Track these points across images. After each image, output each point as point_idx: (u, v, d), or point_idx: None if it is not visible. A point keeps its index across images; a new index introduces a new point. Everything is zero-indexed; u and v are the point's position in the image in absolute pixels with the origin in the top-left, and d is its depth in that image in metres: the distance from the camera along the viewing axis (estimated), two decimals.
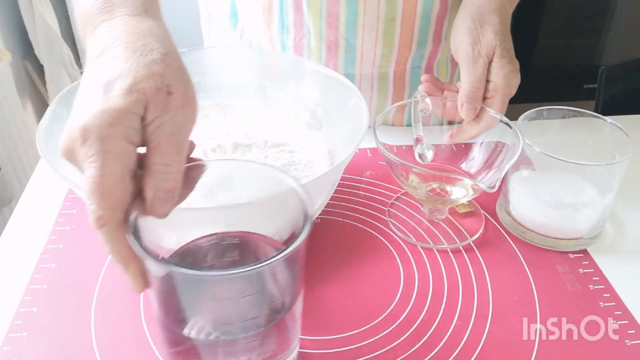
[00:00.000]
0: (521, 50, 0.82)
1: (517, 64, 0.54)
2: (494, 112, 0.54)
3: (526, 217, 0.55)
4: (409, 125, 0.75)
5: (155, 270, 0.32)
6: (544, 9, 1.79)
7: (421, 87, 0.58)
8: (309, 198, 0.35)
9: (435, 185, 0.53)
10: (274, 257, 0.30)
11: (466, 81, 0.54)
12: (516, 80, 0.54)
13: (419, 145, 0.57)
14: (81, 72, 1.69)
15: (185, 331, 0.35)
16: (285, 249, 0.31)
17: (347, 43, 0.66)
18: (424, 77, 0.58)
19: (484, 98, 0.54)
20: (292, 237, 0.33)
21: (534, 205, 0.53)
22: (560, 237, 0.54)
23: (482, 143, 0.56)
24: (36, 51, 1.54)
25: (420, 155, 0.57)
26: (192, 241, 0.39)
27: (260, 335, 0.35)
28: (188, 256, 0.39)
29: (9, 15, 1.50)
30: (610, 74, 1.13)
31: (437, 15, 0.66)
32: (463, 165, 0.58)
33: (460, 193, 0.51)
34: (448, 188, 0.53)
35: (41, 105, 1.65)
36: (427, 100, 0.56)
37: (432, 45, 0.68)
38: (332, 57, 0.68)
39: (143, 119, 0.30)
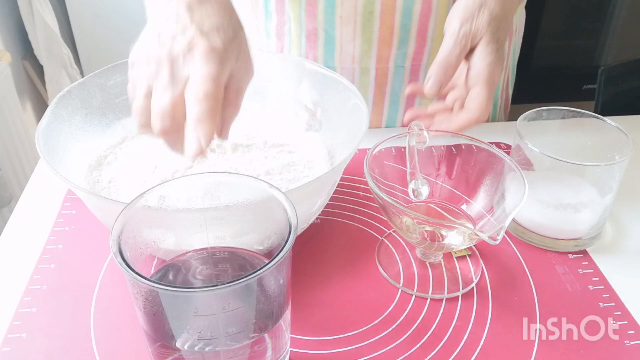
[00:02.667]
0: (521, 52, 0.82)
1: (503, 58, 0.52)
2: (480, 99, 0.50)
3: (525, 217, 0.55)
4: (388, 126, 0.75)
5: (138, 286, 0.33)
6: (544, 9, 1.79)
7: (409, 116, 0.56)
8: (293, 211, 0.35)
9: (429, 228, 0.48)
10: (251, 274, 0.31)
11: (439, 55, 0.52)
12: (499, 72, 0.52)
13: (413, 181, 0.53)
14: (80, 73, 1.70)
15: (171, 345, 0.35)
16: (260, 268, 0.31)
17: (326, 34, 0.66)
18: (407, 118, 0.56)
19: (469, 87, 0.52)
20: (278, 248, 0.33)
21: (533, 205, 0.53)
22: (560, 238, 0.54)
23: (485, 184, 0.51)
24: (36, 51, 1.54)
25: (414, 192, 0.53)
26: (184, 254, 0.40)
27: (246, 348, 0.35)
28: (177, 269, 0.40)
29: (9, 15, 1.50)
30: (610, 75, 1.13)
31: (420, 13, 0.65)
32: (464, 207, 0.52)
33: (457, 240, 0.46)
34: (444, 232, 0.47)
35: (40, 105, 1.65)
36: (425, 133, 0.52)
37: (415, 44, 0.67)
38: (311, 47, 0.68)
39: None
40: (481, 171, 0.51)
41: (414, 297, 0.49)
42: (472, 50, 0.52)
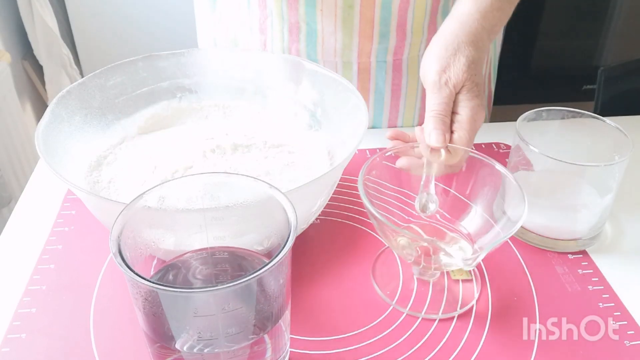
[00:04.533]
0: (520, 52, 0.82)
1: (483, 99, 0.52)
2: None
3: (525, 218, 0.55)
4: (374, 127, 0.75)
5: (138, 287, 0.33)
6: (543, 10, 1.79)
7: (390, 145, 0.53)
8: (292, 211, 0.35)
9: (424, 244, 0.46)
10: (251, 275, 0.31)
11: (430, 107, 0.51)
12: (481, 115, 0.51)
13: (423, 194, 0.51)
14: (80, 73, 1.69)
15: (171, 346, 0.35)
16: (260, 269, 0.31)
17: (308, 27, 0.67)
18: (388, 135, 0.55)
19: (452, 130, 0.51)
20: (278, 248, 0.33)
21: (533, 206, 0.53)
22: (559, 238, 0.54)
23: (479, 205, 0.50)
24: (35, 52, 1.54)
25: (422, 206, 0.51)
26: (183, 254, 0.40)
27: (245, 348, 0.35)
28: (177, 269, 0.39)
29: (8, 15, 1.50)
30: (609, 75, 1.13)
31: (399, 7, 0.65)
32: (463, 223, 0.51)
33: (447, 260, 0.45)
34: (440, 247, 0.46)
35: (40, 105, 1.65)
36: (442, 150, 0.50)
37: (395, 39, 0.68)
38: (294, 40, 0.68)
39: None
40: (483, 186, 0.50)
41: (413, 296, 0.49)
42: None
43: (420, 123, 0.75)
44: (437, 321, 0.47)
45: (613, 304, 0.48)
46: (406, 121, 0.75)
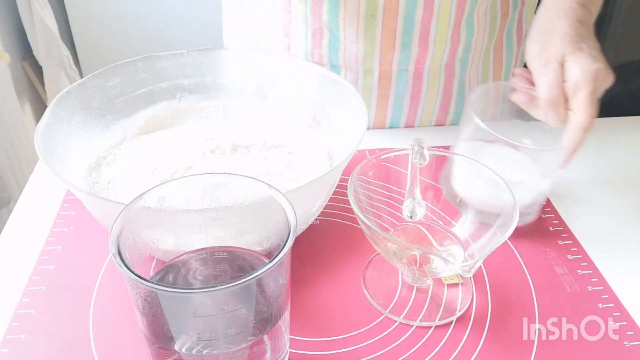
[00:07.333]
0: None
1: (598, 59, 0.50)
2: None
3: (462, 187, 0.52)
4: (392, 127, 0.74)
5: (137, 287, 0.33)
6: None
7: (513, 79, 0.55)
8: (292, 211, 0.35)
9: (416, 252, 0.46)
10: (250, 275, 0.31)
11: (540, 89, 0.51)
12: (602, 74, 0.49)
13: (409, 200, 0.51)
14: (79, 74, 1.69)
15: (170, 346, 0.35)
16: (259, 269, 0.31)
17: (330, 34, 0.67)
18: (516, 70, 0.56)
19: (567, 99, 0.51)
20: (278, 249, 0.33)
21: (471, 178, 0.51)
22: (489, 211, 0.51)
23: (471, 209, 0.50)
24: (35, 52, 1.54)
25: (409, 212, 0.51)
26: (183, 254, 0.40)
27: (245, 349, 0.35)
28: (176, 270, 0.39)
29: (8, 16, 1.50)
30: None
31: (422, 18, 0.65)
32: (455, 229, 0.50)
33: (442, 267, 0.45)
34: (431, 256, 0.46)
35: (40, 106, 1.64)
36: (425, 151, 0.50)
37: (417, 48, 0.67)
38: (317, 45, 0.68)
39: None
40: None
41: (413, 296, 0.49)
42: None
43: (438, 123, 0.76)
44: (438, 316, 0.47)
45: (612, 305, 0.49)
46: (424, 122, 0.75)
